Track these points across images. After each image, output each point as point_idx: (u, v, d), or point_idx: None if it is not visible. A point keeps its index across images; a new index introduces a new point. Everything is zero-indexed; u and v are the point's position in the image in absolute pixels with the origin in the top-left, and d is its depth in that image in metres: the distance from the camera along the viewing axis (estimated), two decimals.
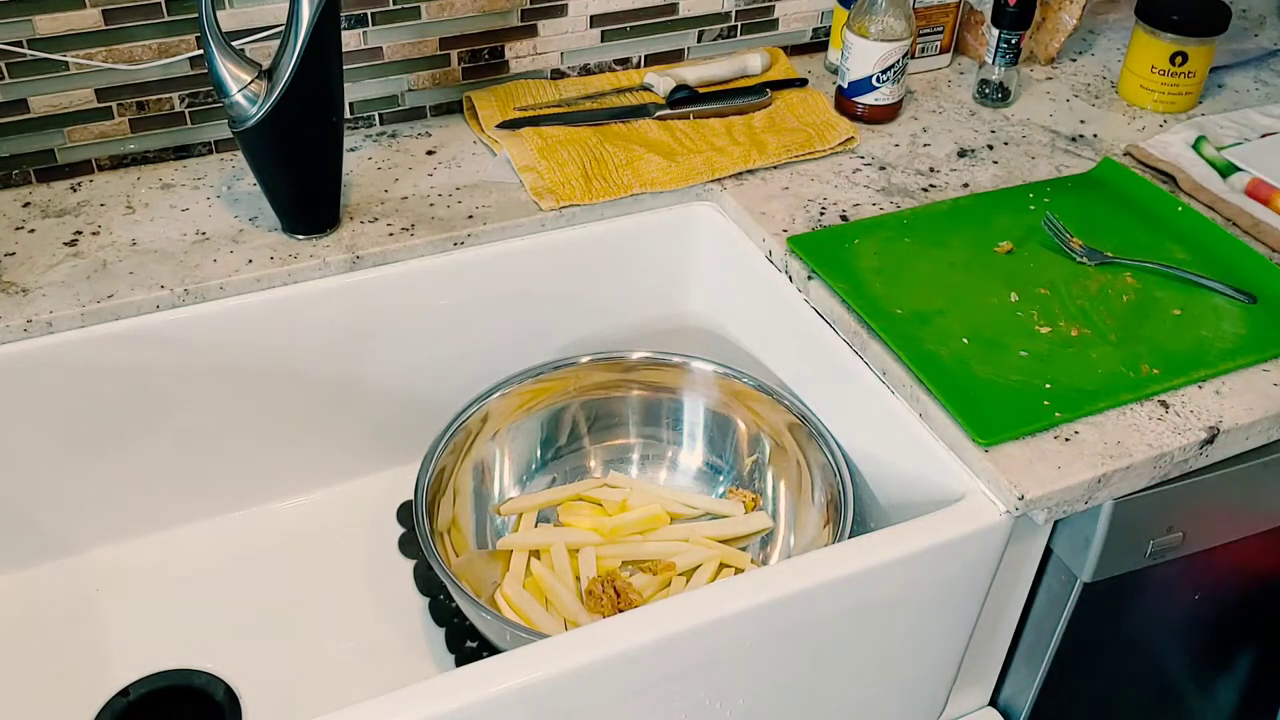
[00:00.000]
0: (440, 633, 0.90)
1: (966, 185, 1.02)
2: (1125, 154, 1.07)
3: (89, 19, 0.92)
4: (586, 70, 1.13)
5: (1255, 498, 0.85)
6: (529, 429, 0.97)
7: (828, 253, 0.91)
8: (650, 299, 1.04)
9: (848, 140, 1.05)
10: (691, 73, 1.12)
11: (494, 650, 0.80)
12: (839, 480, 0.85)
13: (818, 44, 1.23)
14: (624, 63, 1.15)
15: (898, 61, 1.06)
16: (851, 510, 0.82)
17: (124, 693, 0.84)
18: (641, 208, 0.99)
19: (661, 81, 1.10)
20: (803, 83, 1.14)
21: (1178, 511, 0.82)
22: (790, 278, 0.93)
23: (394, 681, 0.62)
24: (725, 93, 1.10)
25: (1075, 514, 0.77)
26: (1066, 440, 0.76)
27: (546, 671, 0.64)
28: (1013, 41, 1.11)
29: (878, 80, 1.07)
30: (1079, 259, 0.91)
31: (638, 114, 1.07)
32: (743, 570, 0.91)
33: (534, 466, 0.98)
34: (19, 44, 0.91)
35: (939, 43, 1.19)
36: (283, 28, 0.83)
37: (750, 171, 1.02)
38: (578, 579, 0.89)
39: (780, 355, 0.96)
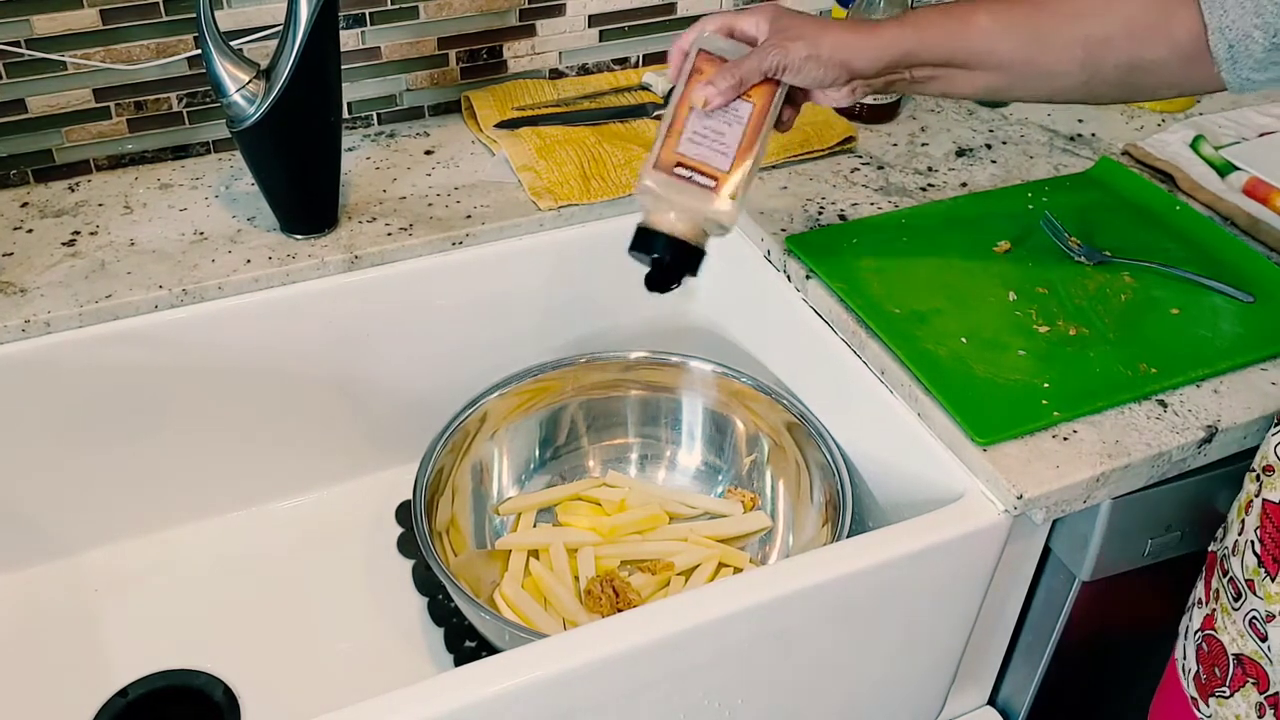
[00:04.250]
0: (439, 632, 0.90)
1: (965, 185, 1.02)
2: (1123, 153, 1.07)
3: (87, 19, 0.92)
4: (585, 70, 1.13)
5: None
6: (528, 429, 0.97)
7: (826, 252, 0.91)
8: (649, 299, 1.04)
9: (846, 140, 1.05)
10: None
11: (493, 650, 0.80)
12: (837, 479, 0.85)
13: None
14: (622, 62, 1.15)
15: None
16: (850, 509, 0.82)
17: (123, 693, 0.84)
18: (639, 208, 0.99)
19: (660, 81, 1.10)
20: None
21: (1176, 510, 0.82)
22: (788, 277, 0.93)
23: (393, 681, 0.62)
24: None
25: (1074, 513, 0.77)
26: (1065, 439, 0.76)
27: (545, 671, 0.64)
28: None
29: None
30: (1077, 258, 0.91)
31: (636, 114, 1.07)
32: (741, 570, 0.91)
33: (533, 466, 0.98)
34: (17, 44, 0.91)
35: None
36: (281, 27, 0.83)
37: None
38: (576, 579, 0.89)
39: (778, 355, 0.96)
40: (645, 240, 0.74)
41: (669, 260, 0.74)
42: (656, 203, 0.74)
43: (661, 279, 0.75)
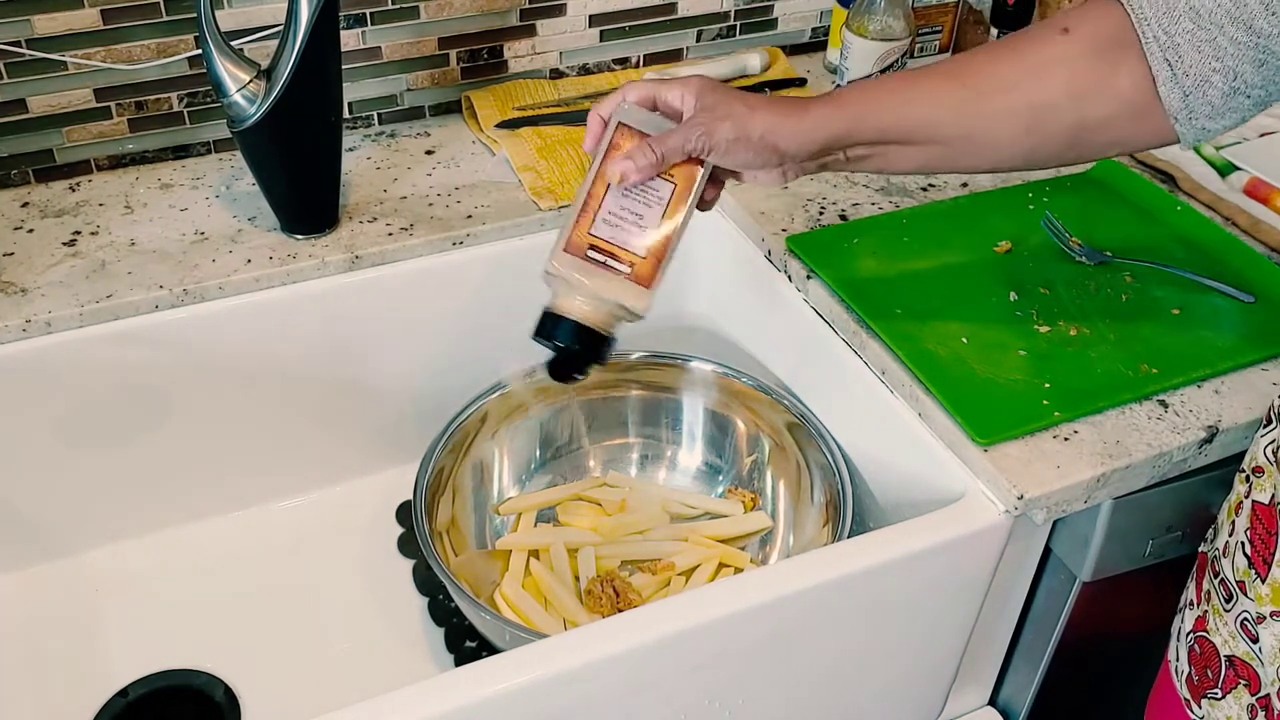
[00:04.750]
0: (440, 633, 0.90)
1: (965, 185, 1.02)
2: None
3: (87, 19, 0.92)
4: (585, 70, 1.13)
5: None
6: (528, 429, 0.97)
7: (827, 252, 0.91)
8: None
9: None
10: (690, 72, 1.12)
11: (493, 650, 0.80)
12: (838, 480, 0.85)
13: (817, 43, 1.23)
14: (623, 62, 1.15)
15: (897, 61, 1.06)
16: (851, 510, 0.82)
17: (123, 693, 0.84)
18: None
19: None
20: (802, 82, 1.14)
21: (1177, 511, 0.82)
22: (789, 277, 0.93)
23: (394, 681, 0.62)
24: None
25: (1074, 513, 0.77)
26: (1066, 440, 0.76)
27: (546, 671, 0.64)
28: None
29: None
30: (1078, 258, 0.91)
31: None
32: (742, 570, 0.91)
33: (533, 466, 0.98)
34: (18, 44, 0.91)
35: (938, 42, 1.19)
36: (281, 27, 0.83)
37: None
38: (577, 579, 0.89)
39: (779, 355, 0.96)
40: (551, 327, 0.70)
41: (577, 349, 0.70)
42: (565, 287, 0.70)
43: (566, 368, 0.72)
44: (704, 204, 0.73)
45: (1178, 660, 0.76)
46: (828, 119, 0.70)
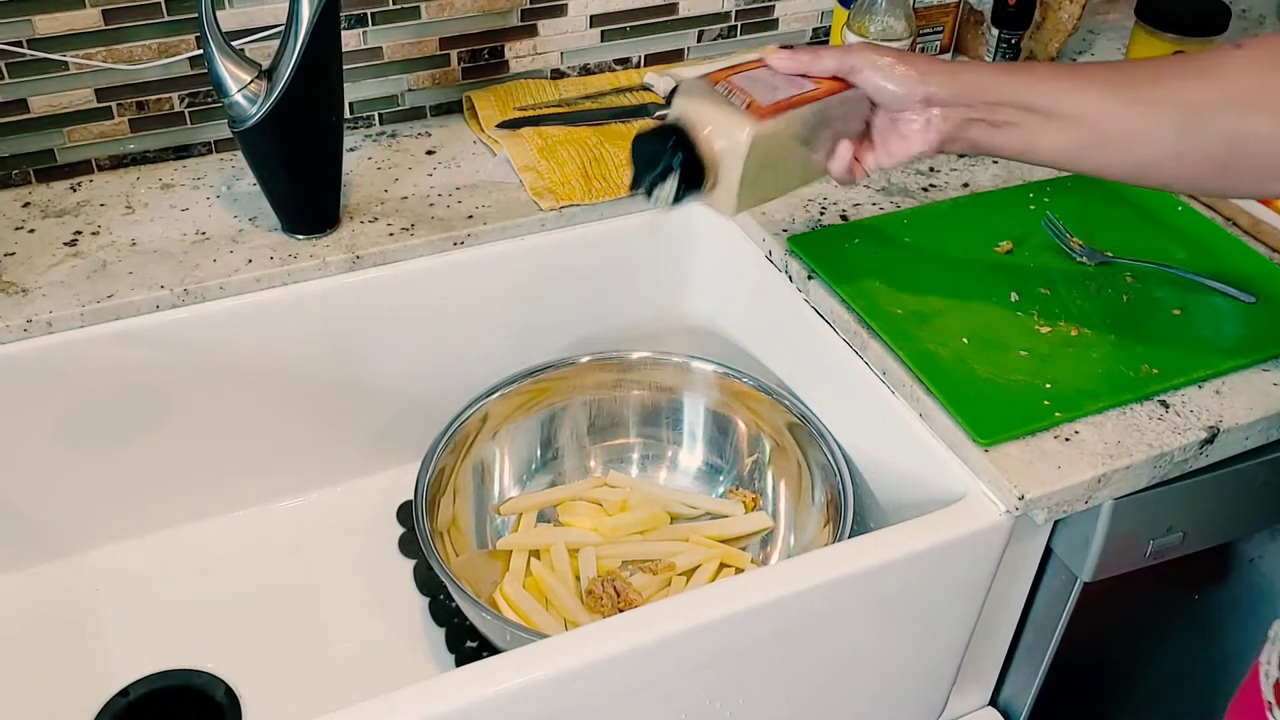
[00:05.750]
0: (440, 633, 0.90)
1: (966, 185, 1.02)
2: None
3: (89, 19, 0.92)
4: (586, 70, 1.13)
5: (1255, 498, 0.85)
6: (529, 429, 0.97)
7: (827, 252, 0.91)
8: (650, 299, 1.04)
9: None
10: (691, 73, 1.12)
11: (494, 650, 0.80)
12: (839, 480, 0.85)
13: (818, 44, 1.23)
14: (624, 62, 1.15)
15: None
16: (851, 510, 0.82)
17: (124, 693, 0.84)
18: (641, 208, 0.99)
19: (661, 81, 1.10)
20: None
21: (1178, 511, 0.82)
22: (790, 277, 0.93)
23: (394, 681, 0.62)
24: None
25: (1075, 514, 0.77)
26: (1066, 440, 0.76)
27: (546, 671, 0.64)
28: (1012, 41, 1.11)
29: None
30: (1079, 259, 0.91)
31: (638, 114, 1.07)
32: (743, 570, 0.91)
33: (534, 466, 0.98)
34: (19, 44, 0.91)
35: (939, 42, 1.19)
36: (282, 27, 0.83)
37: None
38: (578, 579, 0.89)
39: (780, 355, 0.96)
40: (662, 133, 0.72)
41: (677, 156, 0.71)
42: (682, 102, 0.73)
43: (654, 173, 0.72)
44: (851, 174, 0.76)
45: (1269, 664, 0.74)
46: (971, 68, 0.73)
